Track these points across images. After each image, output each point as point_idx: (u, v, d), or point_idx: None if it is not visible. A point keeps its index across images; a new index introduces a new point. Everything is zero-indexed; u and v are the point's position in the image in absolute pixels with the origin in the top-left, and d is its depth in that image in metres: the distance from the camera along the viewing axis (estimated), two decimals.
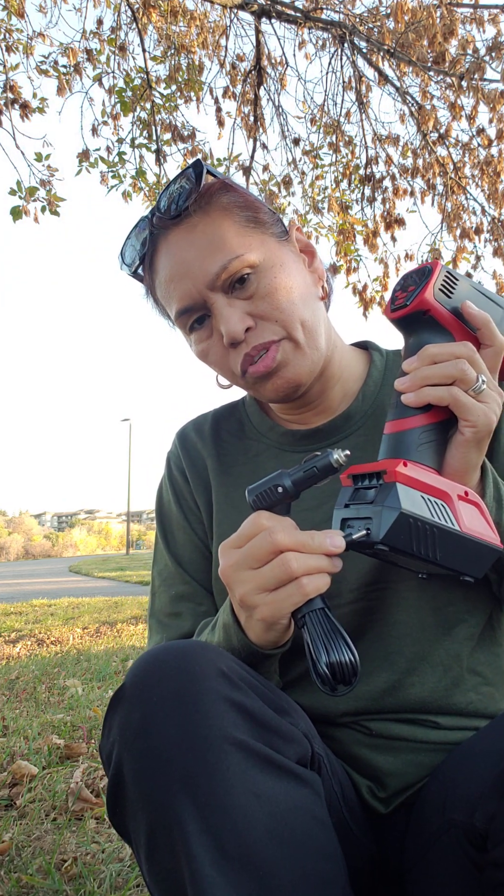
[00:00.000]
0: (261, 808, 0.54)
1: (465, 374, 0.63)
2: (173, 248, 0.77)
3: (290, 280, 0.78)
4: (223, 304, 0.76)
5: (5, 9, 3.64)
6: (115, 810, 0.59)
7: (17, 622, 5.89)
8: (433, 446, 0.66)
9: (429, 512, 0.62)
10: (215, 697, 0.56)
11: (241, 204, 0.78)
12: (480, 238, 4.47)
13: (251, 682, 0.61)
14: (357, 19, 4.13)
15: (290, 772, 0.58)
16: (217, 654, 0.60)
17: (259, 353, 0.77)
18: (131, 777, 0.55)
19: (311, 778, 0.61)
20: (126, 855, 1.32)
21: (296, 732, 0.63)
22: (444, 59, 3.72)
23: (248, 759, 0.55)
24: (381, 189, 4.57)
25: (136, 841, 0.57)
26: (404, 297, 0.69)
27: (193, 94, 4.19)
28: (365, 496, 0.64)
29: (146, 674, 0.58)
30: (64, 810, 1.56)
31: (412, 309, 0.68)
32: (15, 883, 1.21)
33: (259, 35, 4.23)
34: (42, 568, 19.37)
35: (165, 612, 0.88)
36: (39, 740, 2.09)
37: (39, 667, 3.62)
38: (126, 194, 4.18)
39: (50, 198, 3.70)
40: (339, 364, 0.86)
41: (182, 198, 0.76)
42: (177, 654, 0.59)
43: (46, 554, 40.81)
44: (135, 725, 0.56)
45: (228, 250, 0.75)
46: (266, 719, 0.59)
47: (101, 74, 4.05)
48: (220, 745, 0.54)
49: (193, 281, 0.76)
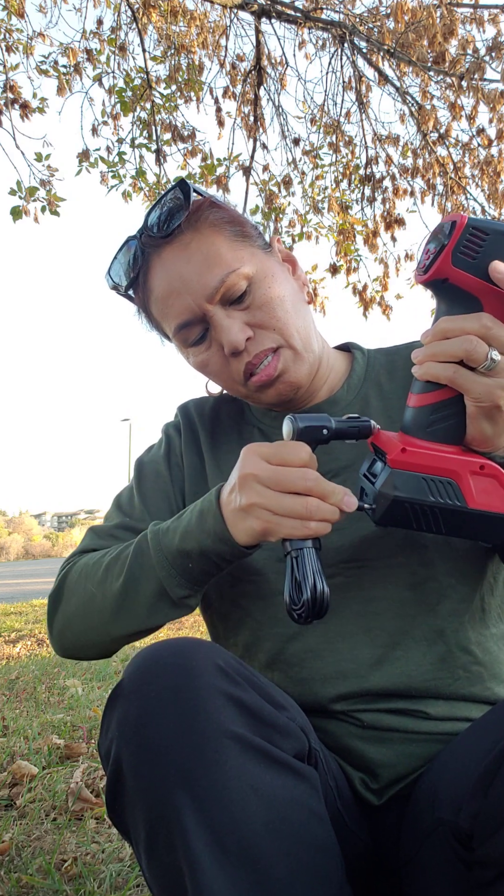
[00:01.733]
0: (259, 802, 0.55)
1: (472, 352, 0.61)
2: (168, 265, 0.80)
3: (282, 289, 0.82)
4: (222, 316, 0.79)
5: (5, 9, 3.63)
6: (115, 806, 0.59)
7: (17, 622, 5.89)
8: (452, 420, 0.65)
9: (429, 493, 0.64)
10: (212, 692, 0.56)
11: (227, 220, 0.82)
12: None
13: (248, 678, 0.61)
14: (357, 19, 4.13)
15: (288, 766, 0.59)
16: (214, 650, 0.60)
17: (261, 361, 0.80)
18: (130, 772, 0.56)
19: (308, 772, 0.61)
20: (126, 855, 1.32)
21: (292, 726, 0.63)
22: (444, 59, 3.72)
23: (245, 753, 0.56)
24: (381, 189, 4.57)
25: (136, 836, 0.57)
26: (427, 260, 0.64)
27: (193, 94, 4.18)
28: (376, 470, 0.67)
29: (143, 670, 0.58)
30: (64, 810, 1.56)
31: (430, 277, 0.63)
32: (15, 883, 1.21)
33: (259, 35, 4.23)
34: (42, 568, 19.36)
35: (106, 531, 0.89)
36: (39, 740, 2.08)
37: (39, 667, 3.62)
38: (126, 194, 4.18)
39: (50, 198, 3.70)
40: (326, 364, 0.90)
41: (173, 217, 0.79)
42: (173, 651, 0.59)
43: (46, 554, 40.82)
44: (132, 721, 0.56)
45: (225, 265, 0.79)
46: (263, 714, 0.60)
47: (101, 74, 4.05)
48: (218, 739, 0.55)
49: (193, 296, 0.79)
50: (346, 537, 0.79)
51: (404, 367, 0.89)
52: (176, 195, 0.79)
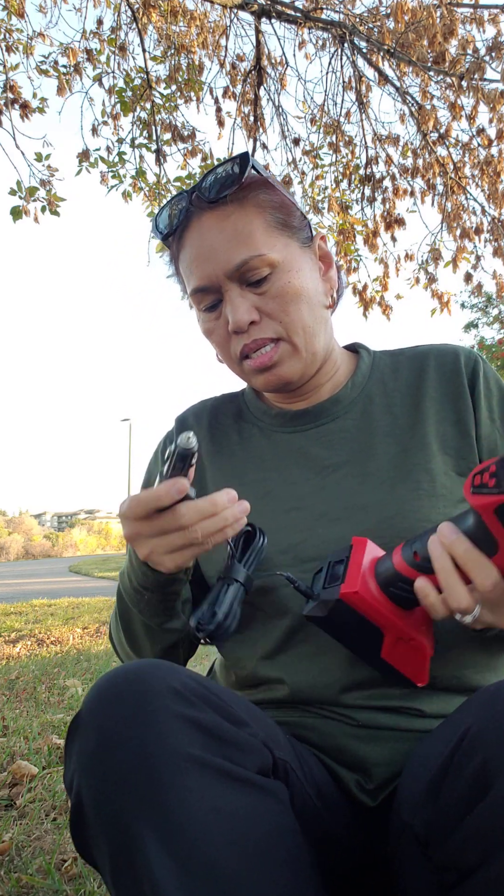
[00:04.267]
0: (221, 822, 0.54)
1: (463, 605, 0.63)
2: (204, 230, 0.81)
3: (302, 285, 0.82)
4: (236, 294, 0.81)
5: (5, 9, 3.63)
6: (79, 838, 0.58)
7: (17, 622, 5.89)
8: (412, 597, 0.68)
9: (355, 628, 0.70)
10: (169, 715, 0.56)
11: (275, 204, 0.83)
12: (480, 238, 4.46)
13: (206, 697, 0.60)
14: (357, 19, 4.13)
15: (250, 783, 0.58)
16: (170, 672, 0.60)
17: (258, 347, 0.82)
18: (90, 803, 0.55)
19: (273, 786, 0.61)
20: None
21: (254, 742, 0.62)
22: (444, 59, 3.72)
23: (205, 775, 0.55)
24: (381, 189, 4.57)
25: (102, 866, 0.57)
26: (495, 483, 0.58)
27: (193, 94, 4.18)
28: (336, 573, 0.71)
29: (99, 699, 0.58)
30: (64, 810, 1.56)
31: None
32: (15, 883, 1.21)
33: (259, 35, 4.23)
34: (42, 568, 19.36)
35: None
36: (39, 740, 2.09)
37: (39, 667, 3.62)
38: (126, 194, 4.18)
39: (50, 198, 3.70)
40: (332, 364, 0.91)
41: (224, 185, 0.80)
42: (128, 677, 0.59)
43: (46, 554, 40.78)
44: (90, 751, 0.56)
45: (253, 247, 0.80)
46: (221, 732, 0.59)
47: (101, 74, 4.05)
48: (177, 763, 0.54)
49: (214, 266, 0.81)
50: (344, 531, 0.80)
51: (408, 368, 0.90)
52: (233, 166, 0.80)
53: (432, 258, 4.49)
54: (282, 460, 0.89)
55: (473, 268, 4.55)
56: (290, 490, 0.85)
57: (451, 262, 4.44)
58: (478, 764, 0.54)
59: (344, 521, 0.80)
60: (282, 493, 0.86)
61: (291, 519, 0.84)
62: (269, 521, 0.84)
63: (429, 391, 0.87)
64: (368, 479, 0.82)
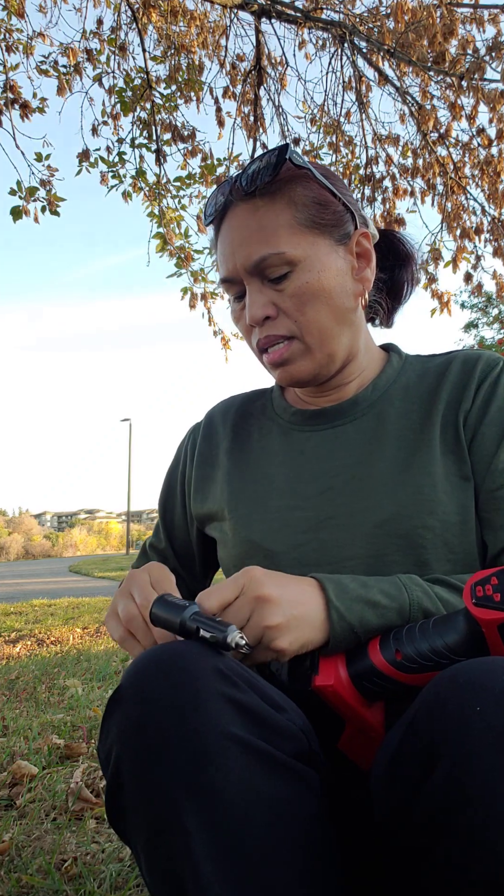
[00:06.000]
0: (260, 805, 0.55)
1: None
2: (234, 221, 0.83)
3: (324, 285, 0.81)
4: (255, 289, 0.82)
5: (5, 9, 3.63)
6: (114, 811, 0.59)
7: (17, 622, 5.89)
8: (383, 694, 0.68)
9: (311, 718, 0.69)
10: (212, 694, 0.56)
11: (311, 200, 0.81)
12: (480, 238, 4.46)
13: (248, 680, 0.61)
14: (357, 19, 4.13)
15: (288, 768, 0.59)
16: (214, 653, 0.60)
17: (271, 343, 0.83)
18: (130, 776, 0.55)
19: (308, 774, 0.61)
20: (126, 855, 1.32)
21: (292, 728, 0.63)
22: (444, 59, 3.71)
23: (246, 756, 0.56)
24: (381, 189, 4.57)
25: (136, 841, 0.57)
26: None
27: (193, 94, 4.18)
28: (314, 661, 0.70)
29: (142, 674, 0.58)
30: (64, 810, 1.56)
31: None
32: (15, 883, 1.21)
33: (259, 35, 4.23)
34: (42, 568, 19.37)
35: (147, 547, 1.05)
36: (39, 740, 2.09)
37: (39, 667, 3.62)
38: (126, 194, 4.18)
39: (50, 198, 3.70)
40: (360, 362, 0.91)
41: (257, 178, 0.79)
42: (172, 655, 0.59)
43: (46, 554, 40.80)
44: (133, 725, 0.56)
45: (273, 244, 0.79)
46: (263, 715, 0.59)
47: (101, 74, 4.05)
48: (219, 742, 0.54)
49: (235, 260, 0.82)
50: (345, 535, 0.80)
51: (434, 374, 0.89)
52: (270, 158, 0.80)
53: (432, 258, 4.49)
54: (294, 459, 0.89)
55: (473, 268, 4.54)
56: (297, 489, 0.85)
57: (451, 262, 4.44)
58: (424, 746, 0.55)
59: (344, 525, 0.80)
60: (288, 491, 0.86)
61: (296, 519, 0.84)
62: (274, 519, 0.84)
63: (443, 395, 0.85)
64: (371, 482, 0.82)
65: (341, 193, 0.85)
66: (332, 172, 0.88)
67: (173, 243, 4.18)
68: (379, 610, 0.69)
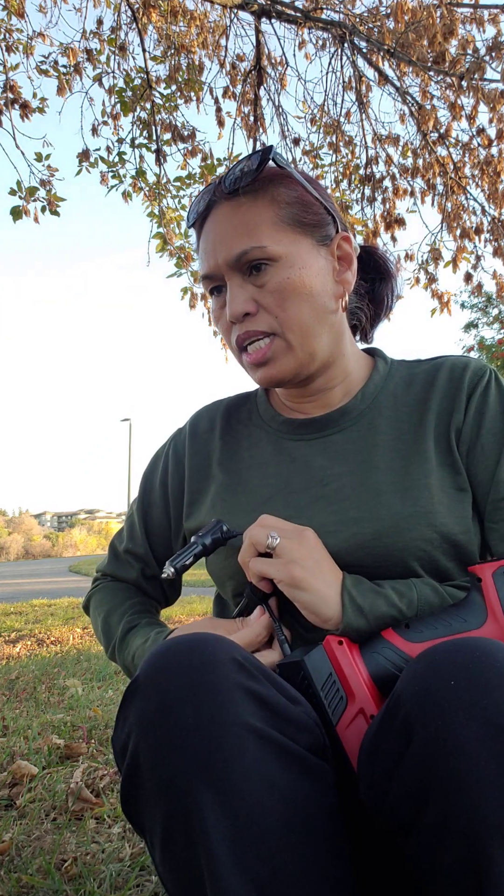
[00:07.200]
0: (276, 797, 0.55)
1: None
2: (217, 219, 0.83)
3: (305, 283, 0.82)
4: (235, 284, 0.82)
5: (5, 9, 3.63)
6: (130, 800, 0.59)
7: (17, 622, 5.89)
8: (393, 670, 0.70)
9: (323, 685, 0.70)
10: (231, 685, 0.57)
11: (292, 200, 0.83)
12: (480, 238, 4.46)
13: (265, 672, 0.62)
14: (357, 19, 4.12)
15: (303, 760, 0.59)
16: (231, 645, 0.61)
17: (251, 339, 0.83)
18: (148, 765, 0.56)
19: (322, 767, 0.62)
20: (126, 855, 1.32)
21: (308, 720, 0.64)
22: (444, 59, 3.71)
23: (263, 747, 0.56)
24: (381, 189, 4.57)
25: (152, 830, 0.57)
26: None
27: (193, 94, 4.18)
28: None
29: (160, 665, 0.58)
30: (64, 810, 1.56)
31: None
32: (15, 883, 1.21)
33: (259, 35, 4.23)
34: (42, 568, 19.35)
35: (120, 555, 1.04)
36: (39, 740, 2.09)
37: (39, 667, 3.62)
38: (126, 194, 4.18)
39: (50, 198, 3.70)
40: (344, 367, 0.90)
41: (240, 177, 0.81)
42: (190, 645, 0.59)
43: (46, 554, 40.76)
44: (151, 714, 0.56)
45: (255, 239, 0.80)
46: (280, 707, 0.60)
47: (101, 74, 4.05)
48: (237, 732, 0.55)
49: (217, 256, 0.83)
50: (338, 544, 0.79)
51: (421, 381, 0.89)
52: (253, 159, 0.81)
53: (432, 258, 4.49)
54: (285, 469, 0.88)
55: (473, 268, 4.54)
56: (289, 499, 0.85)
57: (451, 262, 4.44)
58: (401, 718, 0.56)
59: (337, 534, 0.80)
60: (281, 501, 0.86)
61: None
62: None
63: (433, 405, 0.85)
64: (366, 492, 0.82)
65: (323, 198, 0.86)
66: (313, 178, 0.89)
67: (173, 243, 4.18)
68: (389, 600, 0.73)
